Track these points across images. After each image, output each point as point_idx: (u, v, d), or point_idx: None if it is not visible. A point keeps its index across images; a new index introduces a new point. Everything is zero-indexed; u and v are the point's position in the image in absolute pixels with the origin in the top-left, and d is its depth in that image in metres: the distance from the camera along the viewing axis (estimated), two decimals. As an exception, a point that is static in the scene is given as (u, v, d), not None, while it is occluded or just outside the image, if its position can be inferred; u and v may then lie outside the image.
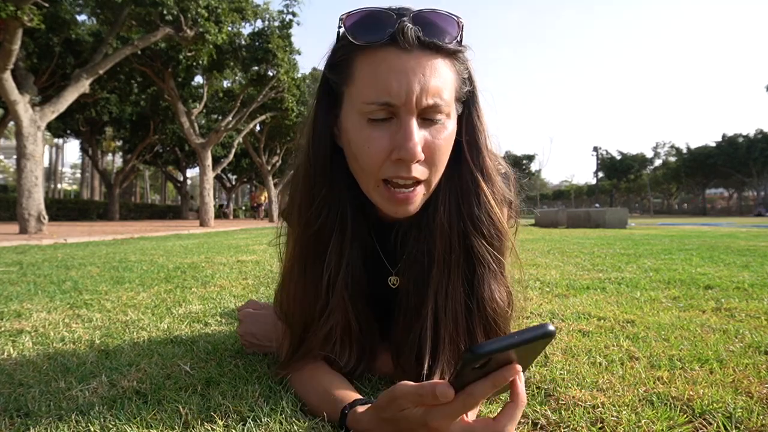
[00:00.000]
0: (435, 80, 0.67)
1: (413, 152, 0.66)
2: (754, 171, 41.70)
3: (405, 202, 0.70)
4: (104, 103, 16.51)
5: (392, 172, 0.68)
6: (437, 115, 0.68)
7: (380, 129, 0.68)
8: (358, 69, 0.68)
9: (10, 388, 0.85)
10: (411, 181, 0.69)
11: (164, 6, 8.15)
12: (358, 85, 0.68)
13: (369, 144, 0.68)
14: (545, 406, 0.75)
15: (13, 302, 1.68)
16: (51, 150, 53.75)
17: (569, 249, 3.95)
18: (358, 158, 0.70)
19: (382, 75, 0.66)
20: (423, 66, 0.66)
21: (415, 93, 0.65)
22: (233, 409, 0.73)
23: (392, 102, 0.66)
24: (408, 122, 0.66)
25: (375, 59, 0.67)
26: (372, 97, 0.66)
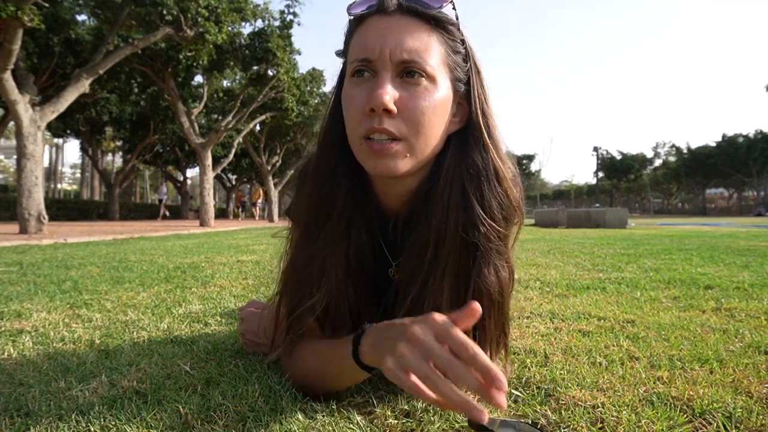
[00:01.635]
0: (412, 39, 0.70)
1: (379, 99, 0.67)
2: (754, 171, 41.69)
3: (381, 153, 0.70)
4: (104, 103, 16.50)
5: (368, 125, 0.70)
6: (416, 73, 0.70)
7: (361, 86, 0.71)
8: (352, 39, 0.75)
9: (10, 388, 0.85)
10: (385, 135, 0.69)
11: (164, 6, 8.15)
12: (350, 52, 0.74)
13: (351, 99, 0.72)
14: (545, 406, 0.75)
15: (13, 302, 1.68)
16: (51, 150, 53.75)
17: (569, 249, 3.95)
18: (347, 117, 0.75)
19: (365, 36, 0.72)
20: (400, 26, 0.71)
21: (388, 47, 0.69)
22: (233, 409, 0.73)
23: (368, 56, 0.70)
24: (382, 76, 0.70)
25: (365, 26, 0.73)
26: (354, 55, 0.72)
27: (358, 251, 0.80)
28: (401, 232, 0.82)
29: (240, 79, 15.21)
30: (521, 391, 0.81)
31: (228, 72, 13.18)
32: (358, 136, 0.72)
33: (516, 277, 0.83)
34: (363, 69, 0.71)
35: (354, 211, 0.80)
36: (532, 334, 1.20)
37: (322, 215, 0.79)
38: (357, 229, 0.80)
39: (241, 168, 27.81)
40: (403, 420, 0.71)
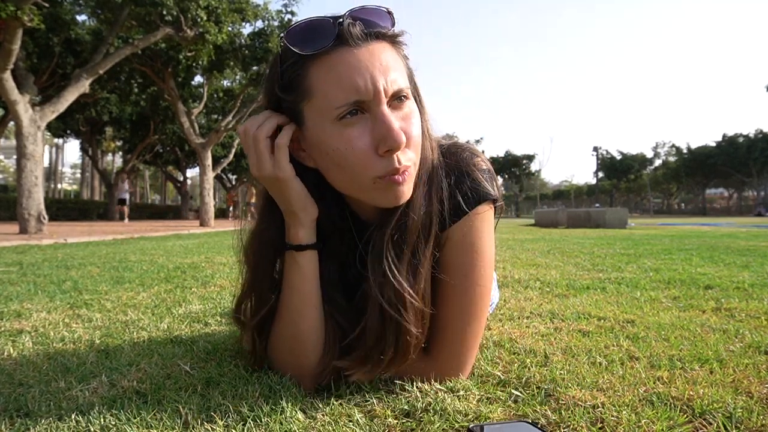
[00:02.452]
0: (392, 66, 0.69)
1: (399, 139, 0.67)
2: (754, 171, 41.68)
3: (403, 183, 0.71)
4: (104, 103, 16.50)
5: (388, 166, 0.69)
6: (403, 100, 0.70)
7: (356, 127, 0.68)
8: (315, 79, 0.68)
9: (10, 388, 0.85)
10: (403, 170, 0.70)
11: (164, 6, 8.14)
12: (322, 94, 0.68)
13: (352, 146, 0.68)
14: (545, 406, 0.75)
15: (13, 302, 1.68)
16: (51, 150, 53.74)
17: (569, 249, 3.95)
18: (345, 165, 0.70)
19: (345, 75, 0.66)
20: (377, 56, 0.68)
21: (380, 83, 0.67)
22: (233, 409, 0.73)
23: (362, 98, 0.67)
24: (383, 113, 0.67)
25: (330, 63, 0.67)
26: (341, 99, 0.67)
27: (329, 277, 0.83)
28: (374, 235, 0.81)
29: (240, 79, 15.19)
30: (521, 391, 0.81)
31: (228, 72, 13.17)
32: (371, 179, 0.70)
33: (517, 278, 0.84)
34: (355, 110, 0.68)
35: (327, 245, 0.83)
36: (532, 334, 1.20)
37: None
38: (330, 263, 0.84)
39: (241, 168, 27.80)
40: (403, 420, 0.71)
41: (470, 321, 0.82)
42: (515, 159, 45.64)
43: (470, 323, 0.82)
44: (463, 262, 0.80)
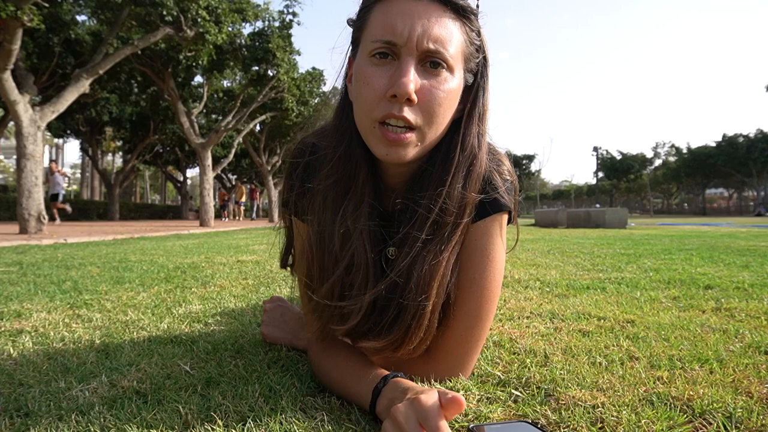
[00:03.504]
0: (439, 28, 0.70)
1: (405, 88, 0.67)
2: (754, 171, 41.66)
3: (396, 142, 0.71)
4: (104, 103, 16.51)
5: (386, 110, 0.70)
6: (438, 64, 0.71)
7: (381, 68, 0.71)
8: (372, 14, 0.73)
9: (10, 388, 0.85)
10: (402, 123, 0.70)
11: (164, 6, 8.14)
12: (370, 28, 0.73)
13: (369, 80, 0.71)
14: (545, 406, 0.75)
15: (13, 302, 1.68)
16: (51, 150, 53.72)
17: (569, 249, 3.95)
18: (358, 97, 0.73)
19: (390, 16, 0.70)
20: (429, 13, 0.70)
21: (416, 33, 0.68)
22: (233, 409, 0.73)
23: (394, 40, 0.69)
24: (406, 61, 0.69)
25: (388, 5, 0.71)
26: (378, 34, 0.70)
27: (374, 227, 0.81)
28: (399, 211, 0.82)
29: (240, 79, 15.20)
30: (521, 391, 0.81)
31: (228, 72, 13.17)
32: (371, 119, 0.72)
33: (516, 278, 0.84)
34: (386, 51, 0.70)
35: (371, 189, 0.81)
36: (532, 334, 1.20)
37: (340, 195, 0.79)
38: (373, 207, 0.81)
39: (241, 168, 27.81)
40: (403, 420, 0.71)
41: (475, 323, 0.82)
42: (515, 159, 45.32)
43: (474, 326, 0.82)
44: (474, 266, 0.81)
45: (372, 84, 0.70)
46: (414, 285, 0.75)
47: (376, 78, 0.70)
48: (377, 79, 0.70)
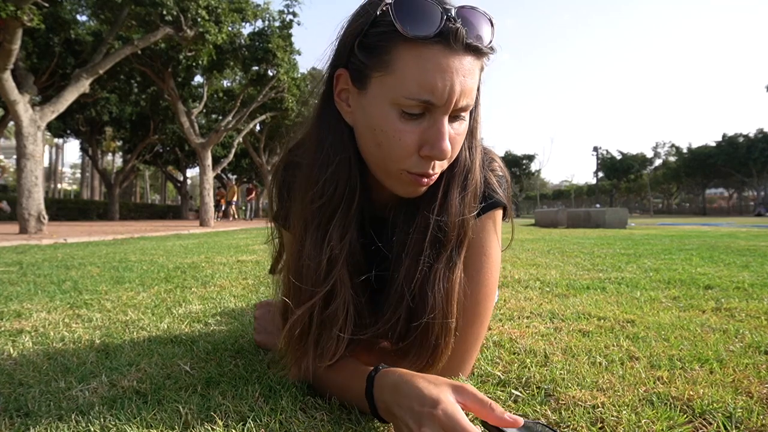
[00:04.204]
0: (472, 83, 0.68)
1: (446, 152, 0.68)
2: (754, 171, 41.65)
3: (425, 185, 0.73)
4: (104, 103, 16.51)
5: (418, 167, 0.70)
6: (463, 116, 0.71)
7: (413, 124, 0.68)
8: (400, 60, 0.66)
9: (10, 388, 0.85)
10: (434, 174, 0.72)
11: (164, 6, 8.14)
12: (399, 77, 0.66)
13: (400, 137, 0.68)
14: (545, 406, 0.75)
15: (13, 302, 1.68)
16: (51, 150, 53.75)
17: (569, 249, 3.95)
18: (384, 148, 0.70)
19: (430, 73, 0.65)
20: (465, 68, 0.66)
21: (456, 95, 0.66)
22: (233, 409, 0.73)
23: (433, 101, 0.66)
24: (442, 122, 0.67)
25: (422, 55, 0.65)
26: (414, 92, 0.65)
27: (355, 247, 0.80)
28: (392, 222, 0.82)
29: (240, 79, 15.19)
30: (521, 391, 0.81)
31: (228, 72, 13.18)
32: (400, 169, 0.71)
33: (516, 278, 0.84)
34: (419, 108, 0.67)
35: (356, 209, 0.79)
36: (532, 334, 1.20)
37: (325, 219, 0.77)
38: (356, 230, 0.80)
39: (241, 168, 27.81)
40: (403, 420, 0.71)
41: (473, 322, 0.82)
42: (515, 159, 45.56)
43: (473, 324, 0.82)
44: (471, 263, 0.81)
45: (405, 140, 0.68)
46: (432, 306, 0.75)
47: (408, 134, 0.68)
48: (409, 135, 0.68)
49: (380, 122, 0.69)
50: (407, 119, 0.67)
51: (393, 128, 0.68)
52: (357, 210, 0.79)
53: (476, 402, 0.60)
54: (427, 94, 0.65)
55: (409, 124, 0.68)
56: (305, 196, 0.77)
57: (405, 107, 0.67)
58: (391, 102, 0.67)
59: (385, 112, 0.68)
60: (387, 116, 0.68)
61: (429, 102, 0.66)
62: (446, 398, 0.59)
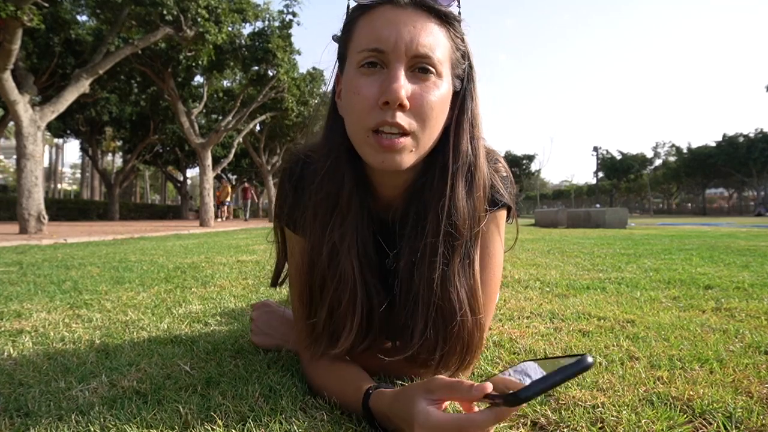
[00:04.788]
0: (425, 34, 0.70)
1: (397, 93, 0.68)
2: (754, 171, 41.64)
3: (390, 148, 0.70)
4: (104, 103, 16.51)
5: (379, 117, 0.70)
6: (428, 69, 0.71)
7: (370, 77, 0.71)
8: (357, 26, 0.73)
9: (10, 388, 0.85)
10: (396, 129, 0.70)
11: (164, 6, 8.14)
12: (355, 39, 0.73)
13: (359, 91, 0.71)
14: (545, 406, 0.75)
15: (13, 302, 1.68)
16: (51, 150, 53.75)
17: (569, 249, 3.95)
18: (350, 108, 0.73)
19: (376, 26, 0.71)
20: (414, 20, 0.71)
21: (404, 40, 0.69)
22: (233, 409, 0.73)
23: (381, 47, 0.69)
24: (395, 68, 0.69)
25: (372, 15, 0.72)
26: (364, 44, 0.71)
27: (365, 244, 0.80)
28: (400, 223, 0.82)
29: (240, 79, 15.18)
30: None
31: (228, 72, 13.17)
32: (365, 129, 0.71)
33: (517, 278, 0.84)
34: (374, 60, 0.70)
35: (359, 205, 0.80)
36: (532, 334, 1.20)
37: (328, 211, 0.79)
38: (362, 222, 0.81)
39: (241, 168, 27.81)
40: (403, 420, 0.71)
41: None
42: (515, 159, 45.55)
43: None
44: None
45: (362, 93, 0.70)
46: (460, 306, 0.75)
47: (366, 87, 0.70)
48: (367, 88, 0.70)
49: (348, 85, 0.74)
50: (366, 74, 0.71)
51: (355, 85, 0.72)
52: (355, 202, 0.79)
53: (447, 391, 0.60)
54: (374, 42, 0.70)
55: (368, 79, 0.71)
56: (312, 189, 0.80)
57: (360, 60, 0.71)
58: (353, 65, 0.73)
59: (350, 76, 0.73)
60: (350, 78, 0.73)
61: (378, 49, 0.69)
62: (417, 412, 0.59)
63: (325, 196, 0.78)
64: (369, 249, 0.81)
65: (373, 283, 0.81)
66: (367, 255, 0.81)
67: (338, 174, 0.78)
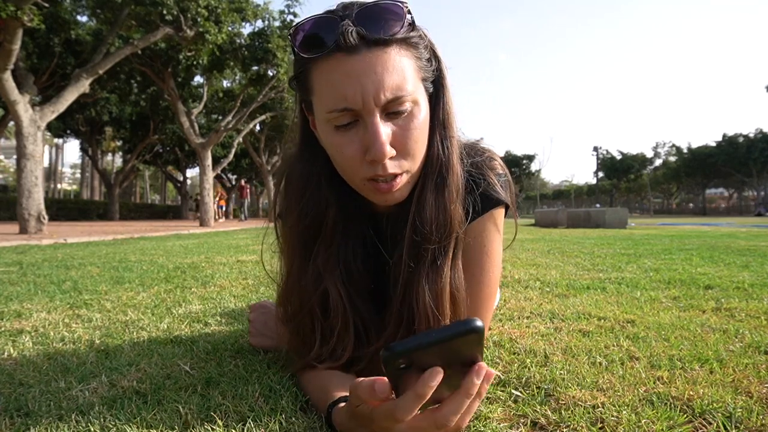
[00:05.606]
0: (389, 76, 0.66)
1: (381, 152, 0.67)
2: (754, 171, 41.65)
3: (389, 191, 0.72)
4: (104, 103, 16.52)
5: (370, 171, 0.70)
6: (401, 107, 0.68)
7: (348, 134, 0.69)
8: (315, 80, 0.70)
9: (10, 388, 0.85)
10: (390, 177, 0.71)
11: (164, 6, 8.15)
12: (318, 96, 0.70)
13: (342, 150, 0.70)
14: (545, 406, 0.75)
15: (13, 302, 1.68)
16: (51, 150, 53.76)
17: (569, 249, 3.95)
18: (337, 163, 0.74)
19: (336, 82, 0.66)
20: (373, 65, 0.66)
21: (371, 94, 0.65)
22: (233, 409, 0.73)
23: (350, 107, 0.66)
24: (372, 123, 0.67)
25: (327, 68, 0.67)
26: (331, 105, 0.67)
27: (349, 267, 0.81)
28: (391, 228, 0.82)
29: (240, 79, 15.19)
30: (521, 391, 0.81)
31: (228, 72, 13.17)
32: (359, 179, 0.71)
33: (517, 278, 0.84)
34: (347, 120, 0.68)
35: (345, 226, 0.81)
36: (532, 334, 1.20)
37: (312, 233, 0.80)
38: (346, 244, 0.81)
39: (241, 168, 27.83)
40: (403, 420, 0.71)
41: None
42: (515, 159, 45.56)
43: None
44: (474, 262, 0.81)
45: (346, 152, 0.69)
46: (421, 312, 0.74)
47: (347, 146, 0.69)
48: (349, 147, 0.69)
49: (326, 141, 0.72)
50: (342, 131, 0.69)
51: (334, 143, 0.70)
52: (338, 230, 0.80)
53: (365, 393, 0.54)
54: (341, 102, 0.66)
55: (346, 136, 0.69)
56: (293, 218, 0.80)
57: (333, 121, 0.69)
58: (324, 121, 0.70)
59: (326, 131, 0.71)
60: (327, 134, 0.71)
61: (347, 109, 0.66)
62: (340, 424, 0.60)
63: (308, 224, 0.79)
64: (354, 269, 0.81)
65: (362, 302, 0.81)
66: (352, 276, 0.81)
67: (321, 200, 0.78)
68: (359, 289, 0.82)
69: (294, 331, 0.84)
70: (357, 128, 0.68)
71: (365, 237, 0.85)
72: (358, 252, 0.83)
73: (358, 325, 0.80)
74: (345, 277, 0.80)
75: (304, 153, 0.80)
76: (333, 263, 0.79)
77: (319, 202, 0.79)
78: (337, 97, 0.66)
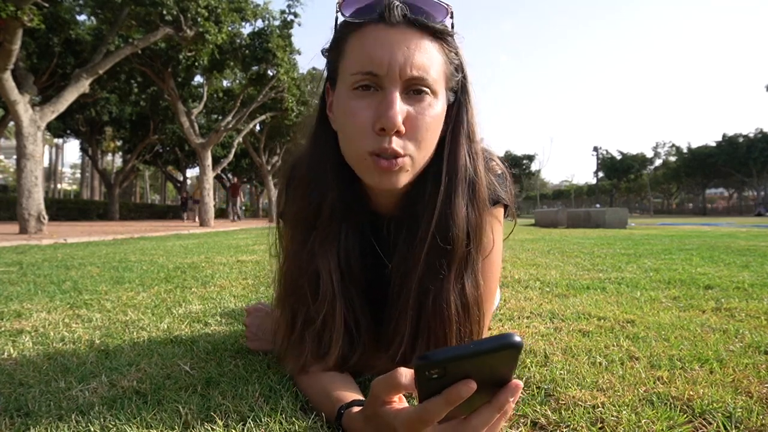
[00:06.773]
0: (419, 54, 0.69)
1: (393, 120, 0.67)
2: (754, 171, 41.65)
3: (387, 170, 0.71)
4: (104, 103, 16.52)
5: (376, 144, 0.69)
6: (423, 90, 0.70)
7: (365, 100, 0.70)
8: (348, 45, 0.72)
9: (10, 388, 0.85)
10: (392, 154, 0.70)
11: (164, 6, 8.14)
12: (347, 58, 0.71)
13: (354, 114, 0.70)
14: (545, 406, 0.75)
15: (13, 302, 1.68)
16: (51, 150, 53.75)
17: (569, 249, 3.95)
18: (344, 130, 0.73)
19: (368, 46, 0.69)
20: (408, 40, 0.69)
21: (398, 63, 0.67)
22: (233, 409, 0.73)
23: (375, 71, 0.68)
24: (390, 92, 0.68)
25: (363, 34, 0.70)
26: (357, 67, 0.69)
27: (348, 256, 0.81)
28: (394, 232, 0.82)
29: (240, 79, 15.19)
30: (521, 391, 0.81)
31: (228, 72, 13.17)
32: (362, 151, 0.71)
33: (517, 278, 0.84)
34: (368, 83, 0.69)
35: (344, 216, 0.80)
36: (532, 334, 1.20)
37: (310, 221, 0.79)
38: (347, 234, 0.81)
39: (241, 168, 27.83)
40: (403, 420, 0.71)
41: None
42: (515, 159, 45.57)
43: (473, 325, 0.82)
44: None
45: (358, 117, 0.69)
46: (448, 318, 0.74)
47: (360, 111, 0.69)
48: (362, 111, 0.69)
49: (341, 106, 0.72)
50: (360, 96, 0.70)
51: (349, 108, 0.71)
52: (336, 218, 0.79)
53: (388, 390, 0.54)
54: (368, 65, 0.68)
55: (363, 101, 0.70)
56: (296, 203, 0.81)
57: (354, 84, 0.70)
58: (346, 84, 0.71)
59: (343, 96, 0.72)
60: (344, 99, 0.72)
61: (372, 72, 0.68)
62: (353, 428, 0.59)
63: (307, 206, 0.79)
64: (353, 260, 0.81)
65: (356, 294, 0.81)
66: (350, 266, 0.81)
67: (323, 186, 0.78)
68: (355, 281, 0.82)
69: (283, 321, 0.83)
70: (375, 96, 0.69)
71: (363, 234, 0.84)
72: (355, 245, 0.82)
73: (348, 318, 0.79)
74: (343, 263, 0.80)
75: (316, 138, 0.81)
76: (329, 245, 0.79)
77: (323, 186, 0.79)
78: (365, 60, 0.68)
